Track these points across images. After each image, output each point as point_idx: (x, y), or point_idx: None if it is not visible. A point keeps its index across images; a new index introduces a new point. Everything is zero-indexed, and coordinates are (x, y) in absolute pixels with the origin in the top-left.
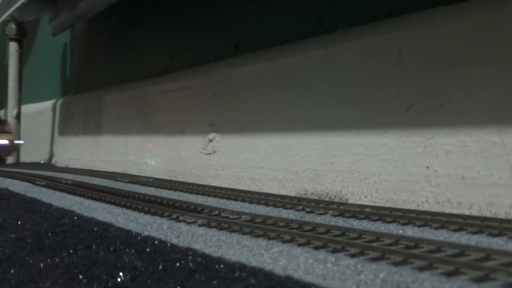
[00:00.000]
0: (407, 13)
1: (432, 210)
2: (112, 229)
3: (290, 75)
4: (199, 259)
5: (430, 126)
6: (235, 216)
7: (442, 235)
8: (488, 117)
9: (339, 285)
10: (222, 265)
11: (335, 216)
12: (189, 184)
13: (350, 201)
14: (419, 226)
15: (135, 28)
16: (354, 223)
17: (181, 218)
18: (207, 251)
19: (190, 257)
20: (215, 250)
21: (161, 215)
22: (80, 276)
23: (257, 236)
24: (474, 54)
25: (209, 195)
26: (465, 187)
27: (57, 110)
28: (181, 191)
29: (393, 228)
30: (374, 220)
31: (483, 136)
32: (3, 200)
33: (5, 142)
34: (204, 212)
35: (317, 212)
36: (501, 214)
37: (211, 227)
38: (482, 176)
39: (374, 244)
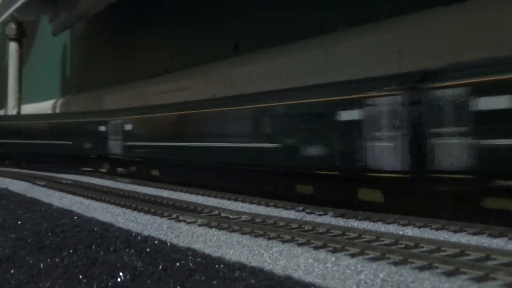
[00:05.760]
0: (407, 13)
1: None
2: (112, 229)
3: (289, 75)
4: (199, 259)
5: None
6: (235, 216)
7: (442, 236)
8: None
9: (339, 285)
10: (222, 265)
11: (336, 217)
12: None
13: None
14: (419, 227)
15: (135, 28)
16: (355, 224)
17: (181, 218)
18: (207, 251)
19: (190, 257)
20: (215, 250)
21: (161, 215)
22: (80, 276)
23: (257, 236)
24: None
25: (209, 195)
26: None
27: (57, 110)
28: (181, 191)
29: (393, 229)
30: (374, 221)
31: None
32: (3, 200)
33: None
34: (204, 212)
35: (317, 213)
36: None
37: (211, 227)
38: None
39: (374, 244)
